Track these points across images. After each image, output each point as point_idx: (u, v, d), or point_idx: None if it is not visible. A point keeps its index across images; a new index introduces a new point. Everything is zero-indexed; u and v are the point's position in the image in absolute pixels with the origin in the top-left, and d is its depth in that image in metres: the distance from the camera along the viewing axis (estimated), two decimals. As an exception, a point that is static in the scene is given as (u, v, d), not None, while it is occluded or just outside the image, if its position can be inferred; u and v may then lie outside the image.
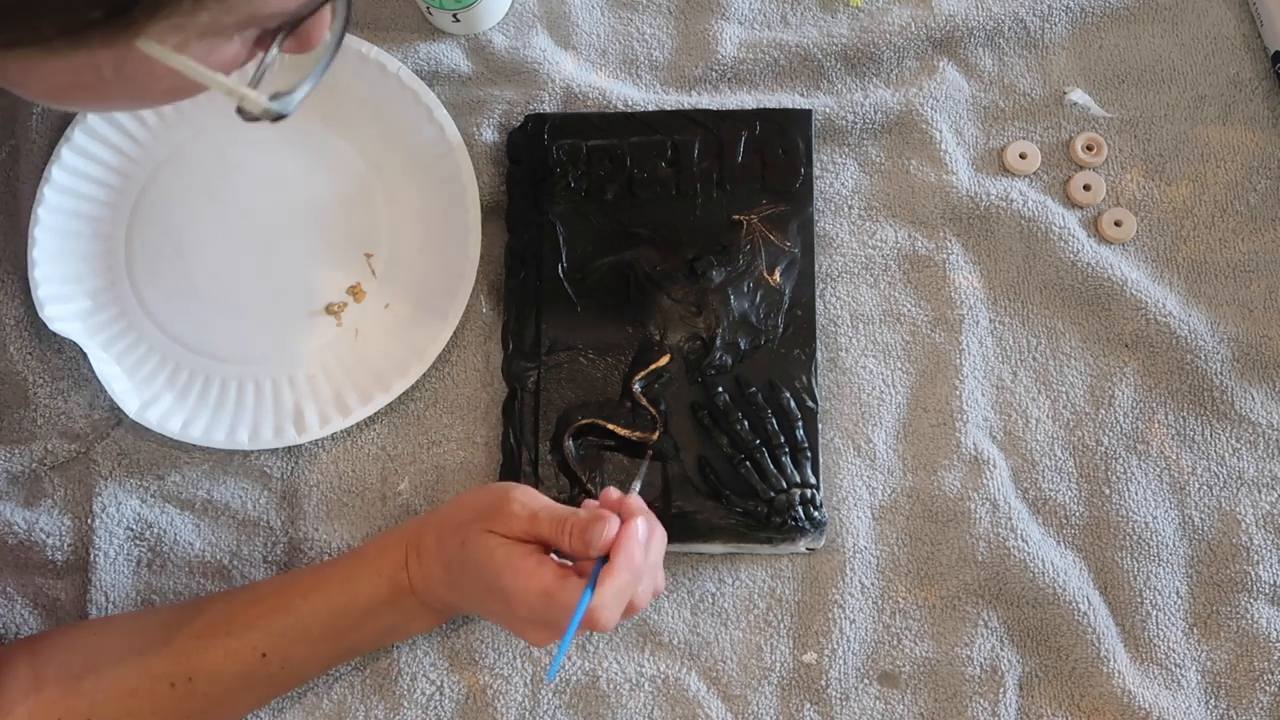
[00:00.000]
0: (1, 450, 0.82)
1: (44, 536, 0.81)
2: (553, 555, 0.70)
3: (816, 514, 0.79)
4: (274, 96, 0.54)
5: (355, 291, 0.85)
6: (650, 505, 0.79)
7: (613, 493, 0.71)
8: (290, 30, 0.54)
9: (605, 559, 0.67)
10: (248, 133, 0.86)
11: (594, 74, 0.89)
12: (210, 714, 0.74)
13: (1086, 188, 0.86)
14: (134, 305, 0.85)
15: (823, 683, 0.79)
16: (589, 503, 0.71)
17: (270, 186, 0.86)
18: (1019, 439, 0.83)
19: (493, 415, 0.83)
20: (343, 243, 0.86)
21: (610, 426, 0.81)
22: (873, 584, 0.80)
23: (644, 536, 0.69)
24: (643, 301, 0.82)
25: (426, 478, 0.83)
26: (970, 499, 0.81)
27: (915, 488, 0.82)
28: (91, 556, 0.81)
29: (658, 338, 0.82)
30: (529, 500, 0.71)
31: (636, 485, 0.75)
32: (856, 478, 0.82)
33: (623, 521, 0.68)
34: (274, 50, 0.54)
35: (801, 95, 0.88)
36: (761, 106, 0.86)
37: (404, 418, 0.84)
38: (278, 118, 0.54)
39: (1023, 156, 0.87)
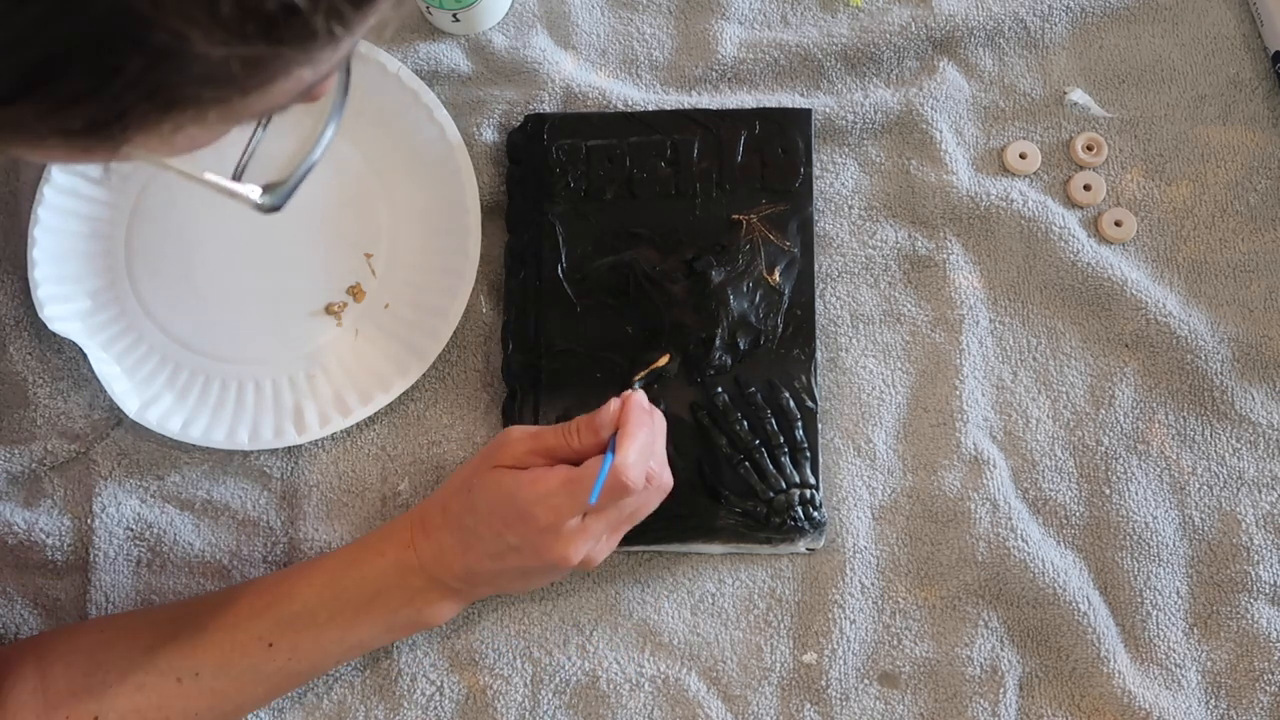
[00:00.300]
0: (1, 450, 0.82)
1: (44, 536, 0.81)
2: None
3: (816, 514, 0.79)
4: (267, 188, 0.52)
5: (355, 291, 0.85)
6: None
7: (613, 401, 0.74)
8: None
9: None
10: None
11: (594, 74, 0.89)
12: (218, 709, 0.74)
13: (1086, 188, 0.86)
14: (134, 305, 0.85)
15: (823, 683, 0.79)
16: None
17: (270, 186, 0.86)
18: (1019, 439, 0.83)
19: (493, 415, 0.83)
20: (343, 243, 0.86)
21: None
22: (873, 584, 0.80)
23: (648, 407, 0.73)
24: (642, 301, 0.82)
25: (426, 478, 0.83)
26: (970, 499, 0.81)
27: (915, 488, 0.82)
28: (91, 556, 0.81)
29: (657, 338, 0.82)
30: (526, 427, 0.74)
31: (638, 383, 0.79)
32: (856, 478, 0.82)
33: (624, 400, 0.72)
34: (259, 133, 0.53)
35: (801, 95, 0.88)
36: (761, 106, 0.86)
37: (404, 418, 0.84)
38: (271, 210, 0.53)
39: (1023, 156, 0.87)
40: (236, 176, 0.52)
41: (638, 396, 0.73)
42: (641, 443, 0.70)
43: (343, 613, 0.74)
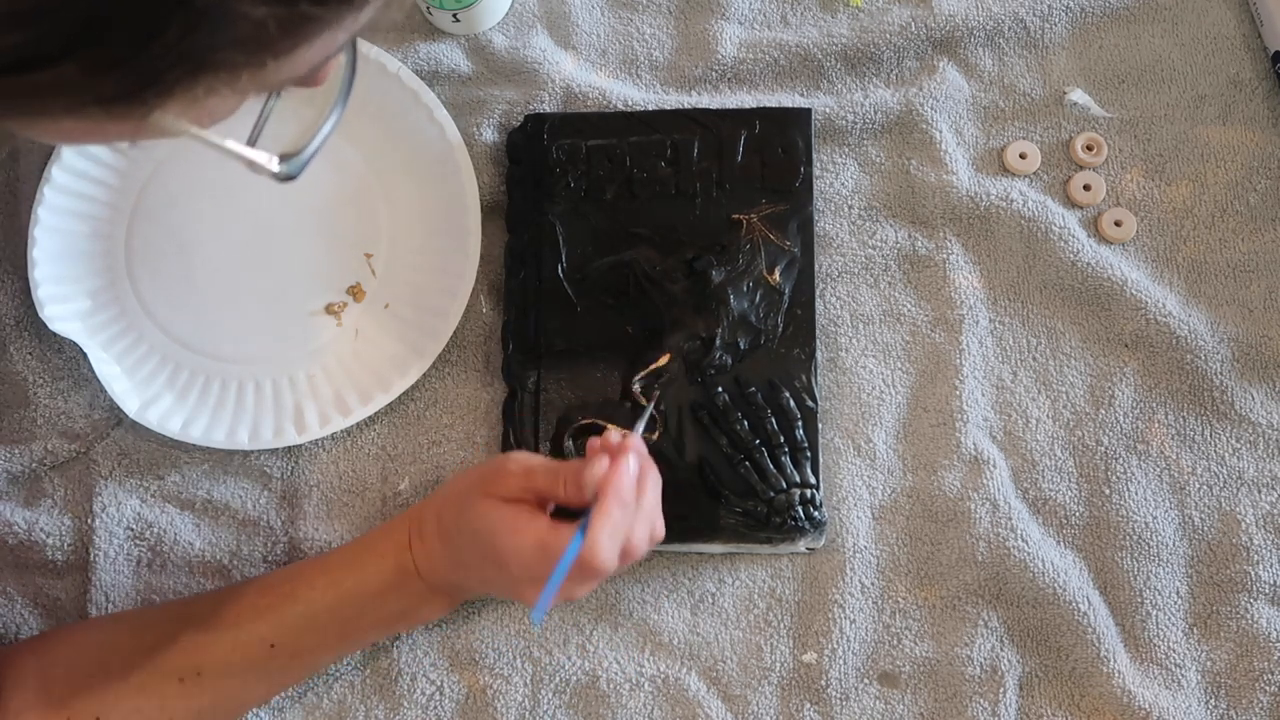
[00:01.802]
0: (1, 450, 0.82)
1: (44, 536, 0.81)
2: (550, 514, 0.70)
3: (816, 514, 0.79)
4: (283, 158, 0.54)
5: (355, 291, 0.85)
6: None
7: (613, 435, 0.71)
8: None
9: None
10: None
11: (594, 74, 0.89)
12: (220, 708, 0.74)
13: (1086, 188, 0.86)
14: (134, 305, 0.85)
15: (823, 683, 0.79)
16: (593, 441, 0.71)
17: (270, 186, 0.86)
18: (1019, 439, 0.83)
19: (493, 415, 0.83)
20: (343, 243, 0.86)
21: (610, 426, 0.81)
22: (873, 584, 0.80)
23: (635, 472, 0.68)
24: (642, 301, 0.82)
25: (426, 478, 0.83)
26: (970, 499, 0.81)
27: (915, 488, 0.82)
28: (91, 556, 0.81)
29: (657, 338, 0.82)
30: (525, 459, 0.72)
31: (639, 427, 0.74)
32: (856, 478, 0.82)
33: (613, 460, 0.68)
34: (272, 101, 0.55)
35: (801, 95, 0.88)
36: (761, 106, 0.86)
37: (404, 418, 0.84)
38: (287, 179, 0.54)
39: (1023, 156, 0.87)
40: (251, 145, 0.54)
41: (622, 463, 0.68)
42: (614, 521, 0.67)
43: (344, 613, 0.74)
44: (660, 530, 0.72)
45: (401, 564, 0.74)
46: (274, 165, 0.54)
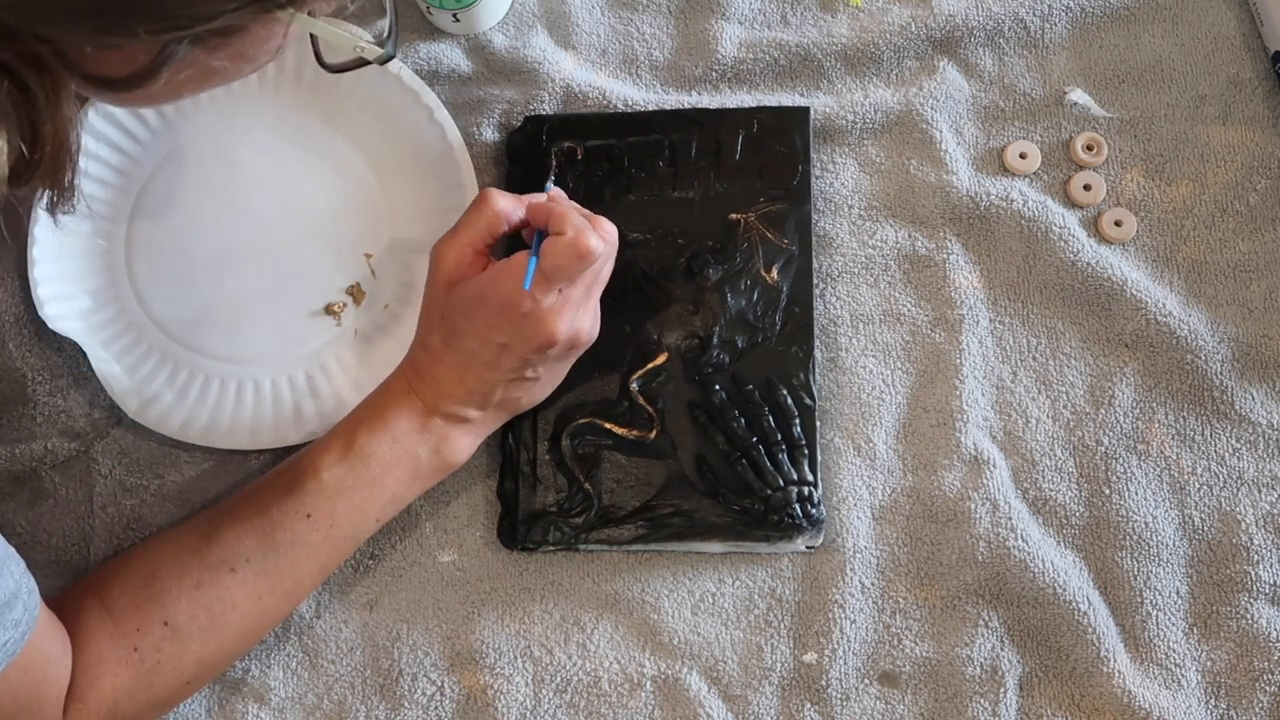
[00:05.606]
0: (2, 450, 0.82)
1: (45, 536, 0.82)
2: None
3: (814, 511, 0.79)
4: (379, 44, 0.65)
5: (355, 291, 0.85)
6: (646, 504, 0.79)
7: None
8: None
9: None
10: (248, 132, 0.87)
11: (594, 74, 0.89)
12: (278, 588, 0.75)
13: (1086, 188, 0.86)
14: (134, 304, 0.85)
15: (823, 683, 0.79)
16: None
17: (271, 186, 0.87)
18: (1019, 439, 0.83)
19: (492, 415, 0.83)
20: (343, 243, 0.86)
21: (608, 425, 0.81)
22: (873, 584, 0.80)
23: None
24: (640, 301, 0.82)
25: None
26: (970, 499, 0.81)
27: (915, 488, 0.82)
28: (91, 555, 0.81)
29: (655, 337, 0.82)
30: (452, 237, 0.76)
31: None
32: (856, 477, 0.82)
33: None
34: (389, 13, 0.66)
35: (801, 95, 0.88)
36: (760, 105, 0.86)
37: (404, 417, 0.84)
38: (387, 60, 0.66)
39: (1023, 156, 0.87)
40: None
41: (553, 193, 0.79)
42: (577, 217, 0.74)
43: (369, 472, 0.75)
44: (613, 235, 0.76)
45: (411, 409, 0.76)
46: (378, 49, 0.64)
